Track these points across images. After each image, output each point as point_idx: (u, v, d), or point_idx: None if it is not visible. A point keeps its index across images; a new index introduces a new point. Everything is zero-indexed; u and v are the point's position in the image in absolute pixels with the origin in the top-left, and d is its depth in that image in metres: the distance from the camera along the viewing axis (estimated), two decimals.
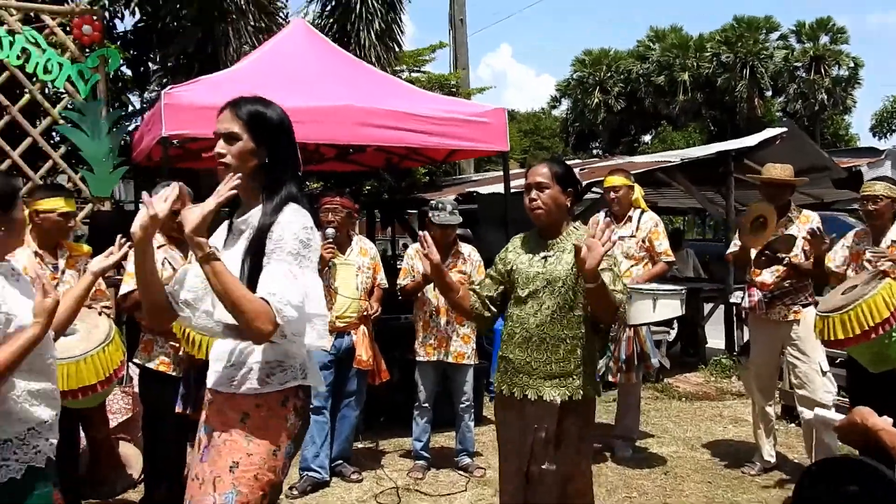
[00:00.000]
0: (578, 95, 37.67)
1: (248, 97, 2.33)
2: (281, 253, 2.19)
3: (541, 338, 3.02)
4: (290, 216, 2.24)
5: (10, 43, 5.78)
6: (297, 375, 2.28)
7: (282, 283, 2.14)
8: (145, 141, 5.74)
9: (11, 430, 2.34)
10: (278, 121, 2.32)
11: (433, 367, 5.18)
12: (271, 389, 2.25)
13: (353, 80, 5.87)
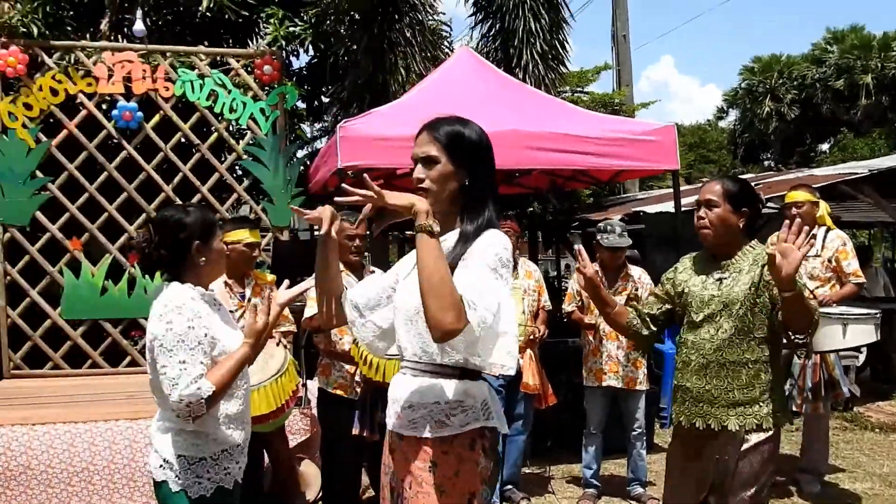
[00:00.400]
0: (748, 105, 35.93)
1: (445, 117, 2.22)
2: (480, 262, 2.04)
3: (720, 363, 2.88)
4: (491, 238, 2.10)
5: (200, 86, 6.28)
6: (478, 416, 2.11)
7: (479, 285, 1.99)
8: (321, 172, 6.05)
9: (208, 450, 2.50)
10: (477, 140, 2.18)
11: (602, 392, 5.10)
12: (453, 432, 2.09)
13: (518, 105, 5.91)
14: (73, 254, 6.14)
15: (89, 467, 4.59)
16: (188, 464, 2.47)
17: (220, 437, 2.52)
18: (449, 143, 2.14)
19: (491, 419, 2.14)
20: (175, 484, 2.47)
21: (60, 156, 6.10)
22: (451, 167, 2.14)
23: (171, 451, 2.48)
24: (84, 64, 6.13)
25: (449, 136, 2.15)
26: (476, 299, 1.95)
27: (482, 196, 2.18)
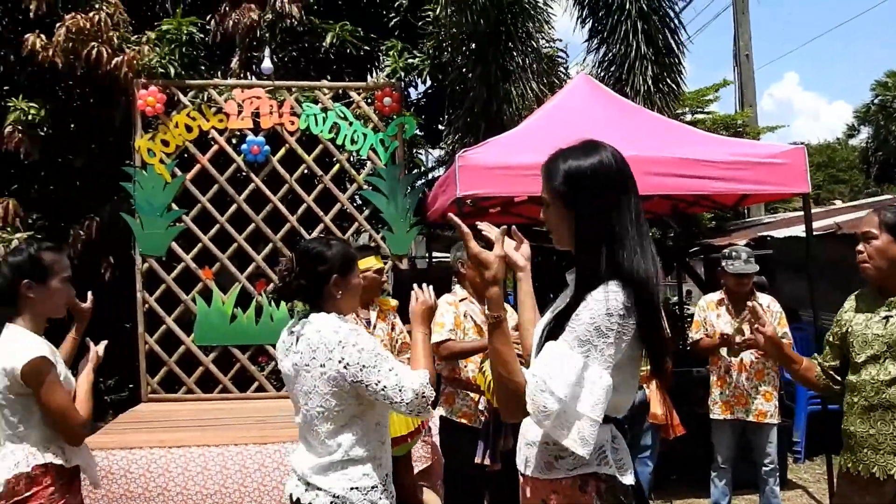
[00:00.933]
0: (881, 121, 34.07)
1: (562, 150, 2.05)
2: (570, 334, 1.91)
3: (884, 407, 2.69)
4: (595, 300, 1.90)
5: (323, 119, 6.49)
6: (590, 462, 1.96)
7: (552, 366, 1.87)
8: (439, 201, 6.11)
9: (378, 477, 2.54)
10: (581, 173, 1.98)
11: (731, 425, 4.90)
12: (559, 476, 1.99)
13: (637, 130, 5.80)
14: (205, 283, 6.42)
15: (221, 490, 4.75)
16: (363, 494, 2.48)
17: (384, 461, 2.58)
18: (557, 182, 2.01)
19: (606, 466, 1.98)
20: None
21: (194, 189, 6.42)
22: (561, 209, 2.02)
23: (343, 485, 2.48)
24: (216, 101, 6.45)
25: (554, 175, 2.02)
26: (539, 383, 1.87)
27: (592, 238, 1.96)
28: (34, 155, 6.32)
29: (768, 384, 4.84)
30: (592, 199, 1.96)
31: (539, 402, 1.85)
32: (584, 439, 1.87)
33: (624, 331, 1.89)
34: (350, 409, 2.50)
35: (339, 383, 2.47)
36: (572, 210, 1.98)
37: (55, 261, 2.84)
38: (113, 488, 4.71)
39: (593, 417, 1.86)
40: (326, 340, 2.49)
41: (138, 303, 6.34)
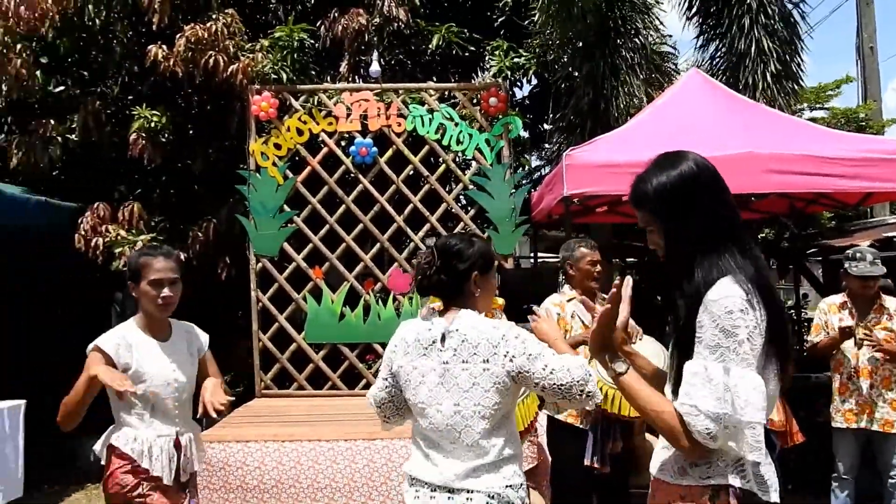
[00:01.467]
0: None
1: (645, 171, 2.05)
2: (699, 346, 1.86)
3: None
4: (715, 295, 1.86)
5: (430, 120, 6.56)
6: (724, 473, 1.89)
7: (695, 387, 1.83)
8: (546, 200, 6.06)
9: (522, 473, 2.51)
10: (662, 186, 1.98)
11: (854, 435, 4.65)
12: (692, 483, 1.92)
13: (753, 126, 5.59)
14: (315, 282, 6.59)
15: (331, 484, 4.86)
16: (516, 492, 2.43)
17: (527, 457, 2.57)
18: (649, 205, 2.01)
19: (743, 479, 1.88)
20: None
21: (305, 191, 6.60)
22: (661, 228, 2.01)
23: (499, 484, 2.41)
24: (326, 105, 6.61)
25: (644, 199, 2.01)
26: (690, 410, 1.82)
27: (697, 245, 1.94)
28: (156, 160, 6.63)
29: (895, 391, 4.58)
30: (687, 210, 1.96)
31: (699, 428, 1.81)
32: (751, 445, 1.81)
33: (750, 325, 1.83)
34: (505, 407, 2.46)
35: (503, 379, 2.41)
36: (671, 224, 1.98)
37: (144, 264, 3.06)
38: (230, 479, 4.89)
39: (754, 420, 1.79)
40: (488, 336, 2.43)
41: (252, 301, 6.57)
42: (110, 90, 7.00)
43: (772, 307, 1.89)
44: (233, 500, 4.88)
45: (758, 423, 1.79)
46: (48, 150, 6.68)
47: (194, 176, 7.21)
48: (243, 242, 6.67)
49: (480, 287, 2.58)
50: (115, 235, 6.31)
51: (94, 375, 2.86)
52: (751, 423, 1.78)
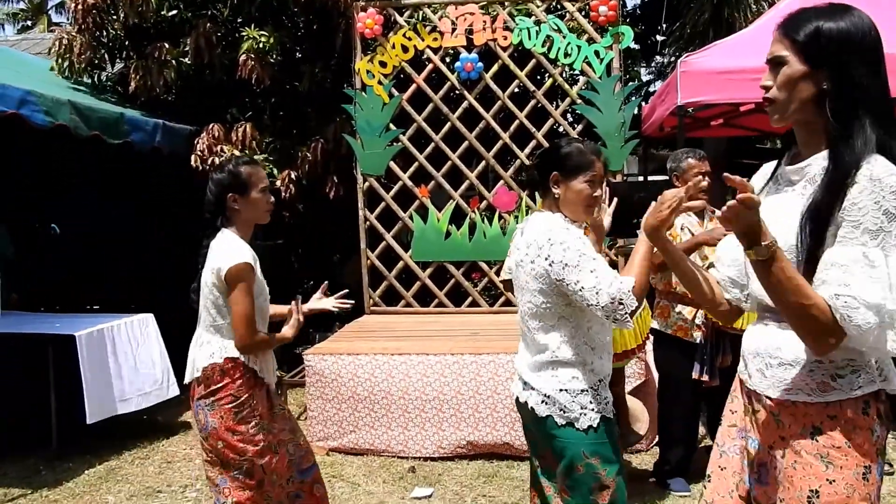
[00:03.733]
0: None
1: (807, 8, 1.77)
2: (854, 229, 1.63)
3: None
4: (879, 171, 1.63)
5: (536, 32, 6.36)
6: (873, 378, 1.74)
7: (854, 275, 1.60)
8: (658, 112, 5.84)
9: (588, 381, 2.50)
10: (844, 31, 1.69)
11: None
12: (842, 397, 1.74)
13: None
14: (421, 200, 6.62)
15: (439, 396, 4.96)
16: (572, 397, 2.48)
17: (596, 366, 2.52)
18: (802, 37, 1.72)
19: (888, 383, 1.76)
20: (560, 418, 2.49)
21: (410, 108, 6.57)
22: (801, 68, 1.72)
23: (553, 386, 2.50)
24: (431, 20, 6.51)
25: (802, 30, 1.73)
26: (847, 301, 1.60)
27: (851, 108, 1.69)
28: (265, 81, 6.72)
29: None
30: (852, 63, 1.69)
31: (859, 322, 1.59)
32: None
33: None
34: (557, 309, 2.49)
35: (546, 280, 2.46)
36: (821, 72, 1.71)
37: (252, 173, 3.04)
38: (341, 391, 5.07)
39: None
40: (538, 237, 2.49)
41: (360, 220, 6.68)
42: (220, 13, 7.08)
43: None
44: (344, 410, 5.07)
45: None
46: (163, 74, 6.88)
47: (302, 96, 7.29)
48: (350, 162, 6.75)
49: (561, 189, 2.55)
50: (230, 155, 6.49)
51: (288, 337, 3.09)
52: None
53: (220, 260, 2.90)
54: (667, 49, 7.73)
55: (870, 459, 1.73)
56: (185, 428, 5.78)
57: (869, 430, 1.73)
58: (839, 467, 1.72)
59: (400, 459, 4.96)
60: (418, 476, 4.72)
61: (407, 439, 5.01)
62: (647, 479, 4.53)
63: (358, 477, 4.72)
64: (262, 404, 3.00)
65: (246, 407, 2.93)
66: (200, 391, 2.95)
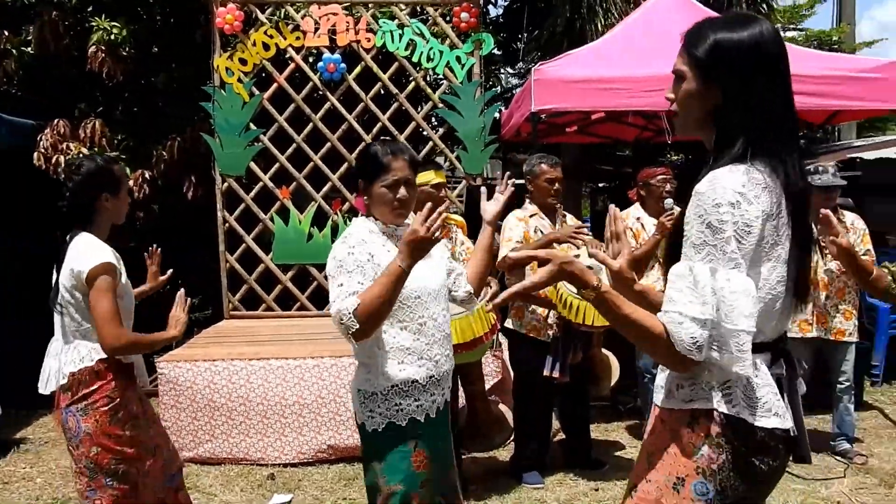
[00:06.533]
0: None
1: (713, 19, 1.75)
2: (686, 245, 1.66)
3: None
4: (705, 187, 1.64)
5: (400, 36, 6.40)
6: (710, 397, 1.70)
7: (680, 291, 1.63)
8: (515, 118, 6.00)
9: (378, 385, 2.47)
10: (739, 47, 1.67)
11: (808, 344, 4.80)
12: (675, 406, 1.76)
13: None
14: (282, 202, 6.51)
15: (300, 400, 4.90)
16: (363, 398, 2.49)
17: (391, 371, 2.48)
18: (699, 52, 1.70)
19: (729, 405, 1.68)
20: (358, 417, 2.54)
21: (271, 108, 6.46)
22: (696, 84, 1.71)
23: (355, 385, 2.55)
24: (293, 18, 6.42)
25: (699, 44, 1.70)
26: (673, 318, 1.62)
27: (736, 123, 1.68)
28: (117, 76, 6.43)
29: (848, 303, 4.76)
30: (744, 79, 1.67)
31: (683, 337, 1.60)
32: (735, 357, 1.60)
33: (740, 221, 1.61)
34: None
35: None
36: (715, 86, 1.69)
37: (121, 172, 2.97)
38: (197, 399, 4.91)
39: (740, 327, 1.58)
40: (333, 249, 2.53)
41: (219, 222, 6.49)
42: (68, 0, 6.72)
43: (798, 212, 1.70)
44: (200, 419, 4.92)
45: (743, 330, 1.59)
46: (3, 64, 6.45)
47: (158, 92, 7.02)
48: (209, 161, 6.55)
49: (368, 195, 2.56)
50: (76, 153, 6.17)
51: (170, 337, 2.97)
52: (736, 330, 1.59)
53: (79, 262, 2.77)
54: (528, 56, 7.95)
55: (686, 473, 1.71)
56: (22, 444, 5.45)
57: (692, 444, 1.71)
58: (656, 469, 1.77)
59: (259, 467, 4.86)
60: (278, 483, 4.64)
61: (266, 446, 4.91)
62: (503, 474, 4.65)
63: (215, 487, 4.59)
64: (137, 405, 2.91)
65: (121, 408, 2.83)
66: (68, 398, 2.80)
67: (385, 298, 2.34)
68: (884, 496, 4.25)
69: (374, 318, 2.35)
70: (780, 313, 1.75)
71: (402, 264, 2.33)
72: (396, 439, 2.48)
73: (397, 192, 2.52)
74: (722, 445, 1.69)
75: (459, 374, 4.30)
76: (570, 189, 7.15)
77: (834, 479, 4.49)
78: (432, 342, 2.58)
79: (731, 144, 1.68)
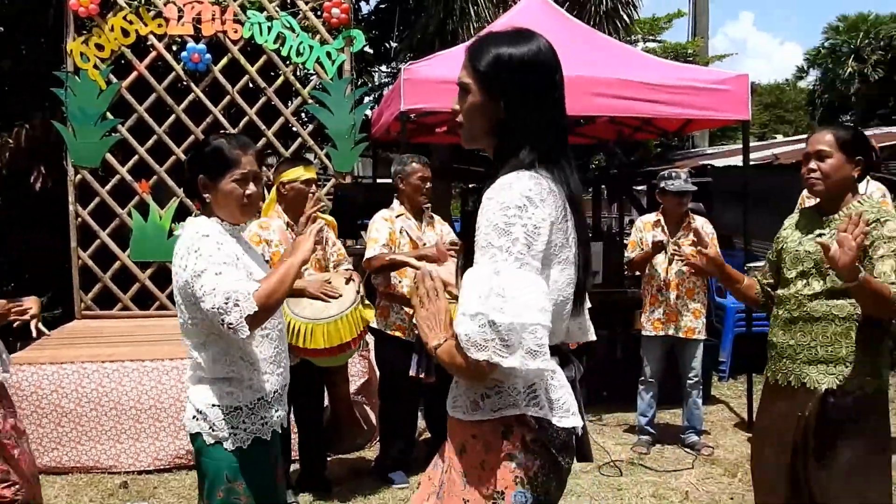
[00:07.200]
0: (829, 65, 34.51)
1: (492, 34, 1.79)
2: (477, 248, 1.63)
3: (805, 319, 2.75)
4: (493, 192, 1.64)
5: (269, 28, 6.24)
6: (517, 402, 1.68)
7: (464, 297, 1.59)
8: (384, 117, 5.99)
9: (243, 399, 2.34)
10: (515, 61, 1.70)
11: (660, 341, 5.06)
12: (485, 417, 1.70)
13: (586, 51, 5.73)
14: (141, 196, 6.22)
15: (157, 404, 4.70)
16: (223, 414, 2.31)
17: (256, 383, 2.36)
18: (482, 66, 1.72)
19: (537, 407, 1.69)
20: (209, 436, 2.32)
21: (130, 98, 6.15)
22: (480, 97, 1.73)
23: (205, 401, 2.32)
24: (155, 4, 6.13)
25: (482, 58, 1.72)
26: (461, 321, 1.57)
27: (518, 134, 1.71)
28: None
29: (697, 302, 5.00)
30: (522, 92, 1.71)
31: (475, 339, 1.55)
32: (530, 351, 1.55)
33: (529, 223, 1.61)
34: (206, 324, 2.28)
35: (187, 293, 2.27)
36: (497, 99, 1.72)
37: None
38: (42, 404, 4.62)
39: (534, 323, 1.55)
40: (181, 246, 2.30)
41: (71, 216, 6.13)
42: None
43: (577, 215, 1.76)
44: (45, 426, 4.63)
45: (537, 324, 1.55)
46: None
47: (3, 75, 6.55)
48: (61, 151, 6.17)
49: (211, 193, 2.38)
50: None
51: None
52: (531, 324, 1.55)
53: None
54: (400, 56, 7.97)
55: (505, 485, 1.68)
56: None
57: (507, 455, 1.68)
58: (473, 488, 1.71)
59: (111, 475, 4.61)
60: (131, 491, 4.42)
61: (119, 453, 4.67)
62: (368, 474, 4.62)
63: (60, 498, 4.33)
64: None
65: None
66: None
67: (286, 287, 2.26)
68: (727, 485, 4.50)
69: (272, 305, 2.24)
70: (569, 316, 1.79)
71: (301, 259, 2.29)
72: (262, 455, 2.37)
73: (247, 188, 2.39)
74: (536, 450, 1.70)
75: (326, 377, 4.25)
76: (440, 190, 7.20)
77: (683, 470, 4.73)
78: (284, 348, 2.52)
79: (515, 154, 1.71)
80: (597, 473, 4.66)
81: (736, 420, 5.83)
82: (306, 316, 3.60)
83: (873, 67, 33.12)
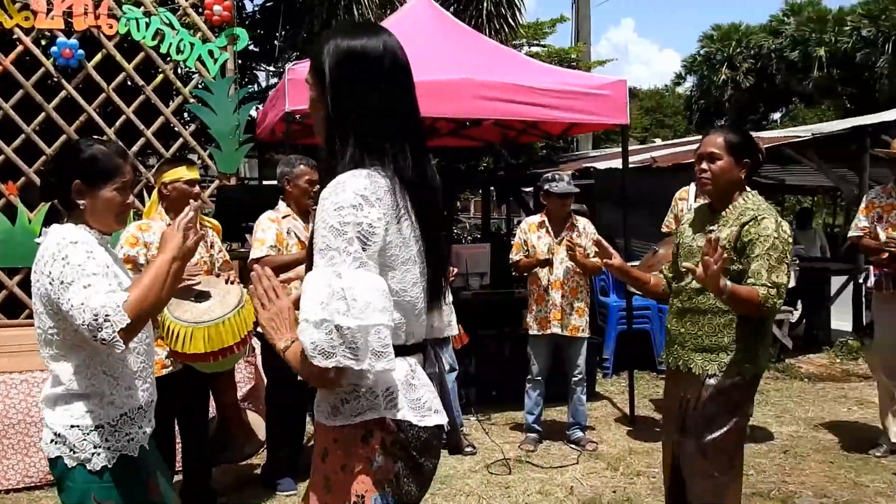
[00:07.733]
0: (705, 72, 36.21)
1: (338, 26, 1.80)
2: (316, 251, 1.62)
3: (693, 310, 2.95)
4: (328, 192, 1.64)
5: (146, 24, 6.01)
6: (377, 405, 1.69)
7: (305, 302, 1.57)
8: (269, 117, 5.89)
9: (105, 416, 2.23)
10: (347, 54, 1.70)
11: (546, 340, 5.19)
12: (345, 422, 1.70)
13: (471, 54, 5.80)
14: (8, 199, 5.87)
15: (25, 419, 4.47)
16: (84, 434, 2.19)
17: (118, 399, 2.26)
18: (315, 59, 1.74)
19: (395, 410, 1.70)
20: (71, 458, 2.19)
21: None
22: (315, 91, 1.74)
23: (63, 422, 2.20)
24: None
25: (316, 51, 1.75)
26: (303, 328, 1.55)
27: (348, 128, 1.69)
28: None
29: (581, 301, 5.15)
30: (354, 81, 1.70)
31: (306, 344, 1.54)
32: (376, 352, 1.56)
33: (364, 222, 1.61)
34: (67, 335, 2.19)
35: (49, 301, 2.16)
36: (327, 91, 1.71)
37: None
38: None
39: (377, 323, 1.56)
40: (45, 252, 2.18)
41: None
42: None
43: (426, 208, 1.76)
44: None
45: (380, 325, 1.57)
46: None
47: None
48: None
49: (87, 200, 2.28)
50: None
51: None
52: (374, 325, 1.56)
53: None
54: (285, 55, 7.85)
55: (365, 489, 1.68)
56: None
57: (367, 459, 1.69)
58: (335, 493, 1.71)
59: None
60: None
61: None
62: (255, 482, 4.53)
63: None
64: None
65: None
66: None
67: (158, 288, 2.14)
68: (610, 478, 4.66)
69: (146, 313, 2.12)
70: (424, 313, 1.80)
71: (171, 255, 2.19)
72: (130, 472, 2.26)
73: (126, 197, 2.33)
74: (395, 453, 1.71)
75: (210, 384, 4.13)
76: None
77: (568, 466, 4.86)
78: (150, 363, 2.43)
79: (345, 149, 1.69)
80: (485, 472, 4.73)
81: (618, 415, 6.03)
82: (186, 319, 3.48)
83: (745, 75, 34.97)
